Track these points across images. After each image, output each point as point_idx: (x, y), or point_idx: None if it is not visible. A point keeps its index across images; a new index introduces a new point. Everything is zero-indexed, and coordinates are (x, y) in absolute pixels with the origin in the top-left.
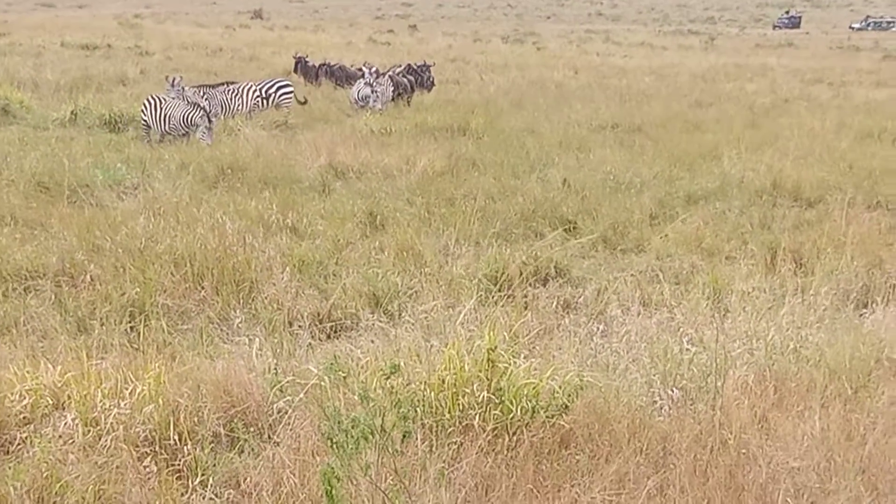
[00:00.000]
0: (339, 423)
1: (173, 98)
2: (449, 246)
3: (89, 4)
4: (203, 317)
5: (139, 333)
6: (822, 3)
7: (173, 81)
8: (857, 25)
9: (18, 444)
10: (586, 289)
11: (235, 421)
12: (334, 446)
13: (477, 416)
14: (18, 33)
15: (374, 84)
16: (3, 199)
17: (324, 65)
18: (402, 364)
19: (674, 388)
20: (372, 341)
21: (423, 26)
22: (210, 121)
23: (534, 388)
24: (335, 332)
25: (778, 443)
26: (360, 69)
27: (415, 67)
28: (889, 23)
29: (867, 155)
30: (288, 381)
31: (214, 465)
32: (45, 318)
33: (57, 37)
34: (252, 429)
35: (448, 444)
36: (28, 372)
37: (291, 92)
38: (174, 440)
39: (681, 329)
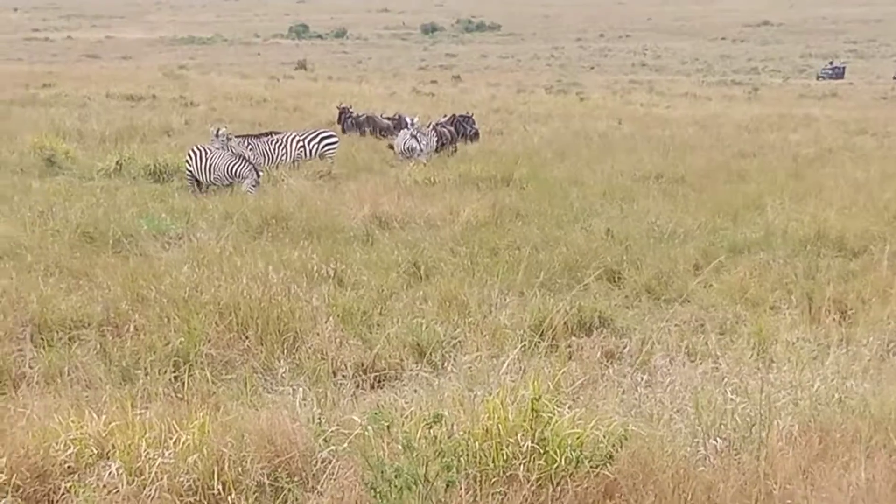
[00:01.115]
0: (382, 472)
1: (218, 148)
2: (492, 296)
3: (134, 56)
4: (247, 367)
5: (183, 383)
6: (865, 54)
7: (217, 132)
8: None
9: (63, 494)
10: (630, 339)
11: (279, 471)
12: (378, 496)
13: (521, 466)
14: (64, 84)
15: (419, 135)
16: (49, 249)
17: (348, 116)
18: (445, 413)
19: (718, 438)
20: (416, 391)
21: (466, 77)
22: (258, 173)
23: (578, 438)
24: (379, 382)
25: (823, 494)
26: (392, 118)
27: (458, 118)
28: None
29: None
30: (332, 431)
31: None
32: (89, 367)
33: (102, 87)
34: (296, 478)
35: (492, 495)
36: (73, 421)
37: (335, 142)
38: (218, 490)
39: (725, 379)
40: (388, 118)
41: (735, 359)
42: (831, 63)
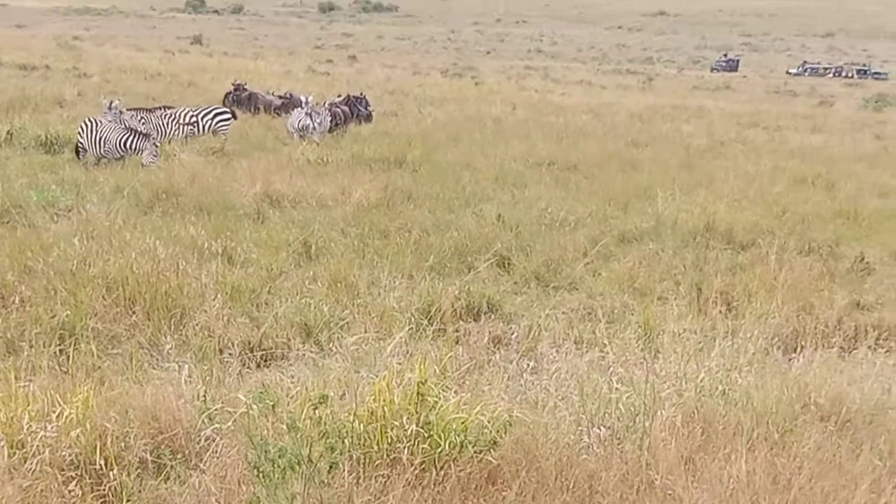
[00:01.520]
0: (266, 452)
1: (110, 121)
2: (382, 278)
3: (28, 24)
4: (133, 342)
5: (68, 357)
6: (760, 48)
7: (110, 104)
8: (794, 71)
9: None
10: (518, 325)
11: (163, 447)
12: (261, 476)
13: (405, 450)
14: None
15: (313, 114)
16: None
17: (229, 93)
18: (331, 394)
19: (602, 427)
20: (302, 371)
21: (362, 57)
22: (156, 145)
23: (463, 423)
24: (266, 361)
25: (704, 485)
26: (279, 96)
27: (352, 98)
28: (826, 69)
29: (801, 200)
30: (217, 409)
31: (140, 492)
32: None
33: None
34: (179, 456)
35: (375, 477)
36: None
37: (229, 119)
38: (100, 465)
39: (611, 368)
40: (280, 96)
41: (622, 348)
42: (725, 55)
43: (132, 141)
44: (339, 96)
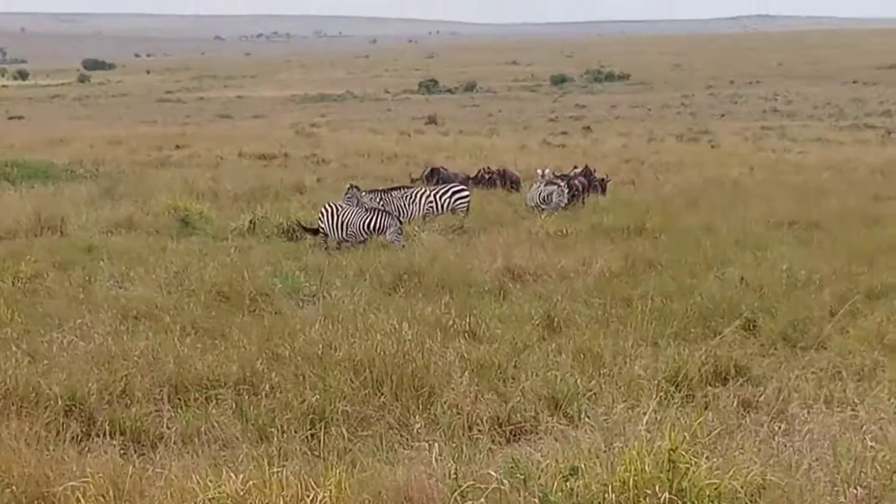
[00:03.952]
0: None
1: (350, 205)
2: (627, 347)
3: (266, 115)
4: (383, 423)
5: (319, 440)
6: None
7: (349, 189)
8: None
9: None
10: (767, 387)
11: None
12: None
13: None
14: (197, 145)
15: (553, 186)
16: (185, 309)
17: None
18: (581, 466)
19: (858, 487)
20: (551, 444)
21: (596, 127)
22: (399, 222)
23: (716, 489)
24: (514, 436)
25: None
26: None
27: (591, 170)
28: None
29: None
30: (468, 486)
31: None
32: (226, 426)
33: (235, 147)
34: None
35: None
36: (211, 481)
37: (467, 196)
38: None
39: (864, 427)
40: (491, 172)
41: (874, 406)
42: None
43: (376, 221)
44: (576, 168)
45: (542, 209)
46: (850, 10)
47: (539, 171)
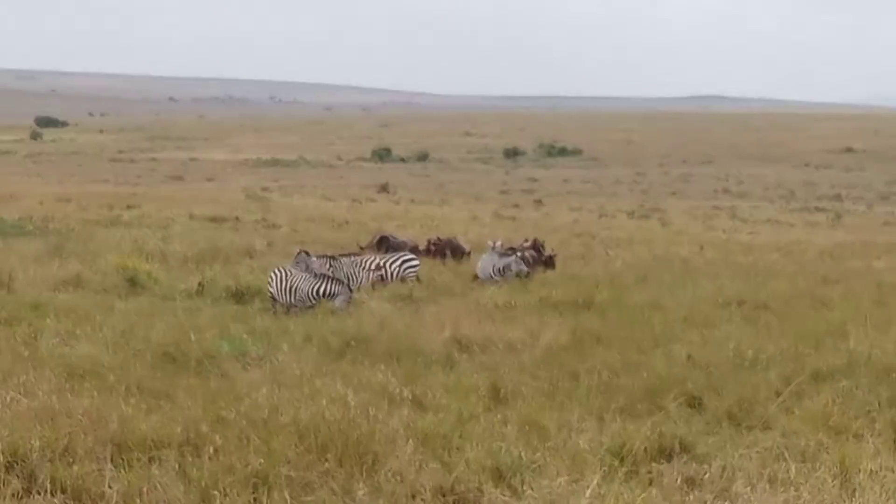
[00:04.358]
0: None
1: (299, 270)
2: (572, 420)
3: (218, 178)
4: (326, 489)
5: None
6: None
7: (299, 254)
8: None
9: None
10: (711, 465)
11: None
12: None
13: None
14: (148, 205)
15: (507, 256)
16: (130, 368)
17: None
18: None
19: None
20: None
21: (548, 201)
22: (350, 290)
23: None
24: None
25: None
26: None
27: (539, 244)
28: None
29: None
30: None
31: None
32: (168, 488)
33: (185, 209)
34: None
35: None
36: None
37: (417, 265)
38: None
39: None
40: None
41: (817, 487)
42: None
43: (325, 287)
44: (526, 241)
45: (497, 281)
46: (802, 94)
47: (490, 243)
